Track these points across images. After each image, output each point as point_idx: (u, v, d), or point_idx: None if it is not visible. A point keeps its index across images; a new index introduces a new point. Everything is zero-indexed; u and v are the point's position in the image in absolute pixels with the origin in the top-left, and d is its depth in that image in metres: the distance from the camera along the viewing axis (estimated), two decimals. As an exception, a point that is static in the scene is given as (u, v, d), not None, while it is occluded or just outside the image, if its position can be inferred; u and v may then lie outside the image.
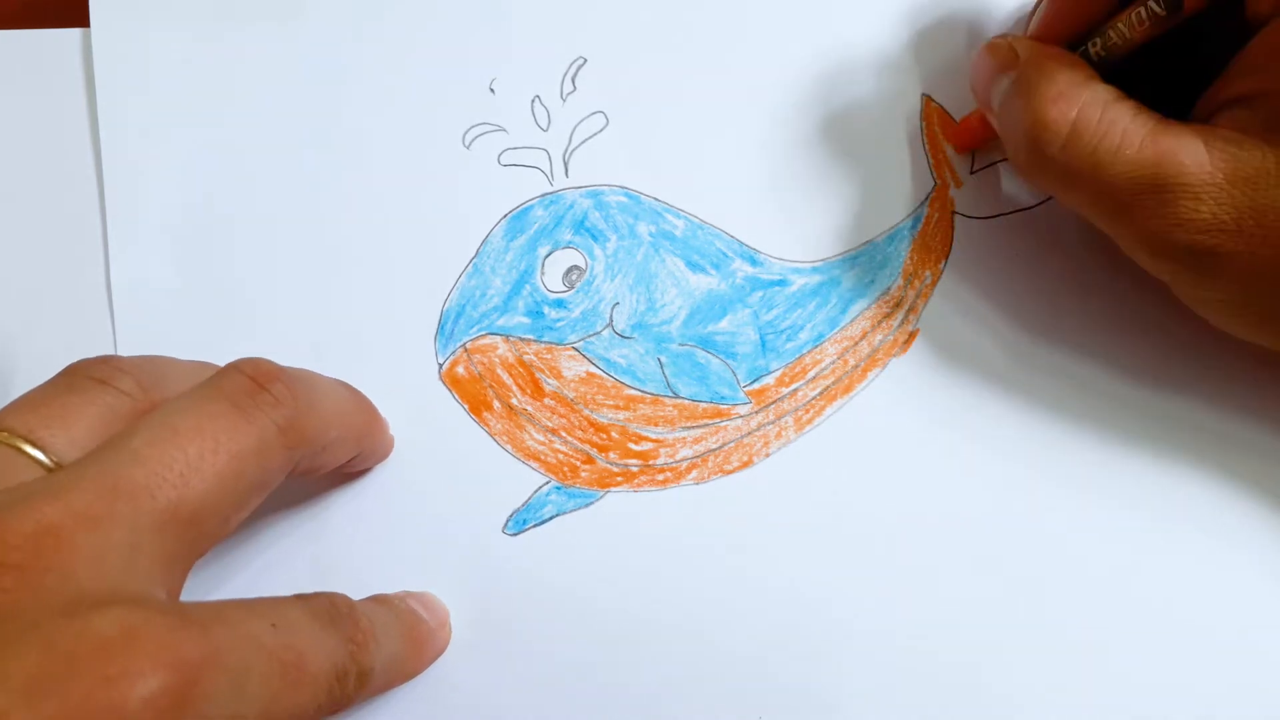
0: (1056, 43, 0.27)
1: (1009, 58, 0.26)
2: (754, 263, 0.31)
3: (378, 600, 0.26)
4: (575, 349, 0.31)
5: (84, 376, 0.24)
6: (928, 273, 0.31)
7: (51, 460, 0.22)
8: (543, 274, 0.31)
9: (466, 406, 0.30)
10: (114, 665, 0.18)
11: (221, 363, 0.25)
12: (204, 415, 0.22)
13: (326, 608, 0.23)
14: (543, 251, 0.31)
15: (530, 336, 0.31)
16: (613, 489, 0.30)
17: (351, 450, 0.27)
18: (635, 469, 0.30)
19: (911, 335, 0.31)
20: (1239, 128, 0.24)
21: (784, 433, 0.30)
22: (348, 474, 0.29)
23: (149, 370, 0.25)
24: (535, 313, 0.31)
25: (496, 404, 0.30)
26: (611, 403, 0.30)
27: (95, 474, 0.21)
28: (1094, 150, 0.24)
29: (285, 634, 0.21)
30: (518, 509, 0.30)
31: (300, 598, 0.23)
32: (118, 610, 0.19)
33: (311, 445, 0.24)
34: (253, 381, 0.23)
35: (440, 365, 0.31)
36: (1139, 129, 0.24)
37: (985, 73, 0.27)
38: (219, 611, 0.21)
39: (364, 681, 0.23)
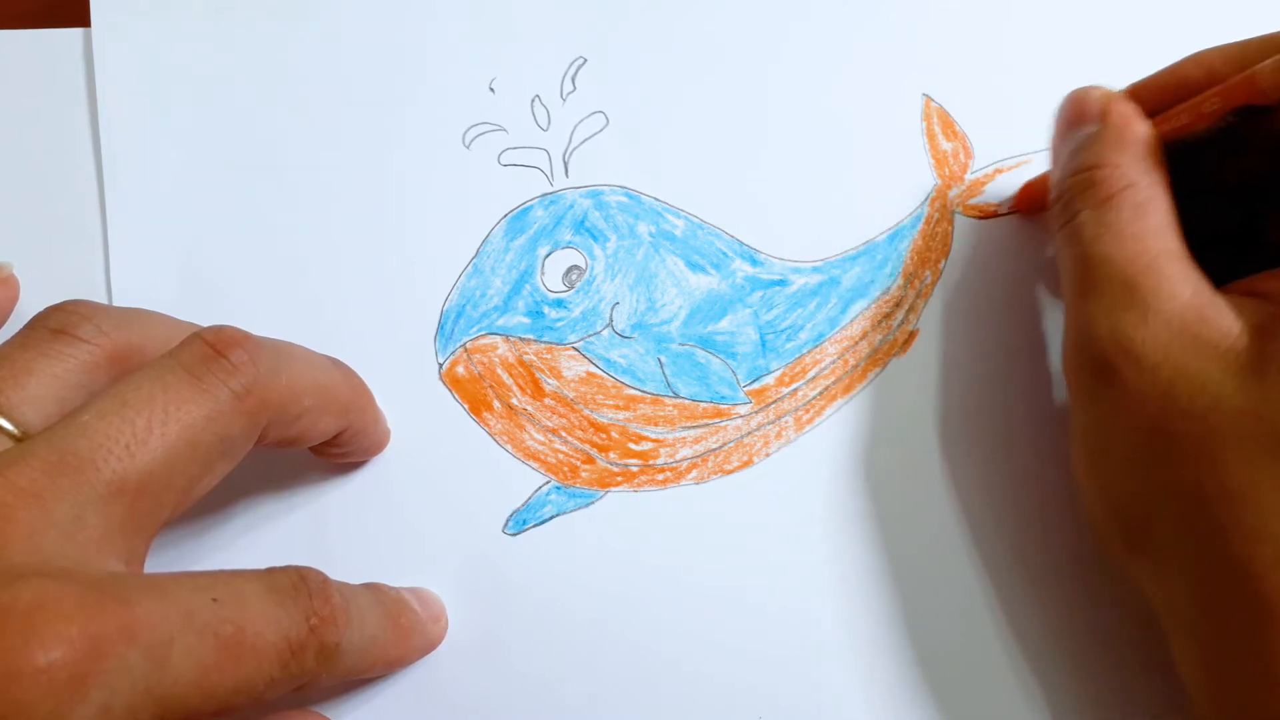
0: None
1: (1095, 111, 0.27)
2: (754, 262, 0.31)
3: (365, 586, 0.26)
4: (575, 349, 0.31)
5: (41, 329, 0.24)
6: (928, 273, 0.31)
7: (7, 421, 0.22)
8: (543, 274, 0.31)
9: (466, 406, 0.30)
10: (17, 634, 0.18)
11: None
12: (157, 385, 0.22)
13: (291, 581, 0.23)
14: (543, 251, 0.31)
15: (530, 336, 0.31)
16: (613, 489, 0.30)
17: (335, 422, 0.27)
18: (635, 469, 0.30)
19: (911, 335, 0.31)
20: (1245, 294, 0.24)
21: (784, 432, 0.30)
22: (344, 466, 0.29)
23: (113, 314, 0.25)
24: (535, 313, 0.31)
25: (496, 404, 0.30)
26: (611, 403, 0.30)
27: (42, 449, 0.21)
28: (1112, 224, 0.25)
29: (226, 607, 0.21)
30: (518, 509, 0.29)
31: (261, 571, 0.23)
32: (36, 582, 0.19)
33: (279, 412, 0.24)
34: (211, 349, 0.23)
35: (440, 365, 0.31)
36: (1156, 233, 0.24)
37: (1070, 119, 0.27)
38: (155, 584, 0.21)
39: (329, 657, 0.23)
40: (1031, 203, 0.31)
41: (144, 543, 0.22)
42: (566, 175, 0.32)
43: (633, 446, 0.30)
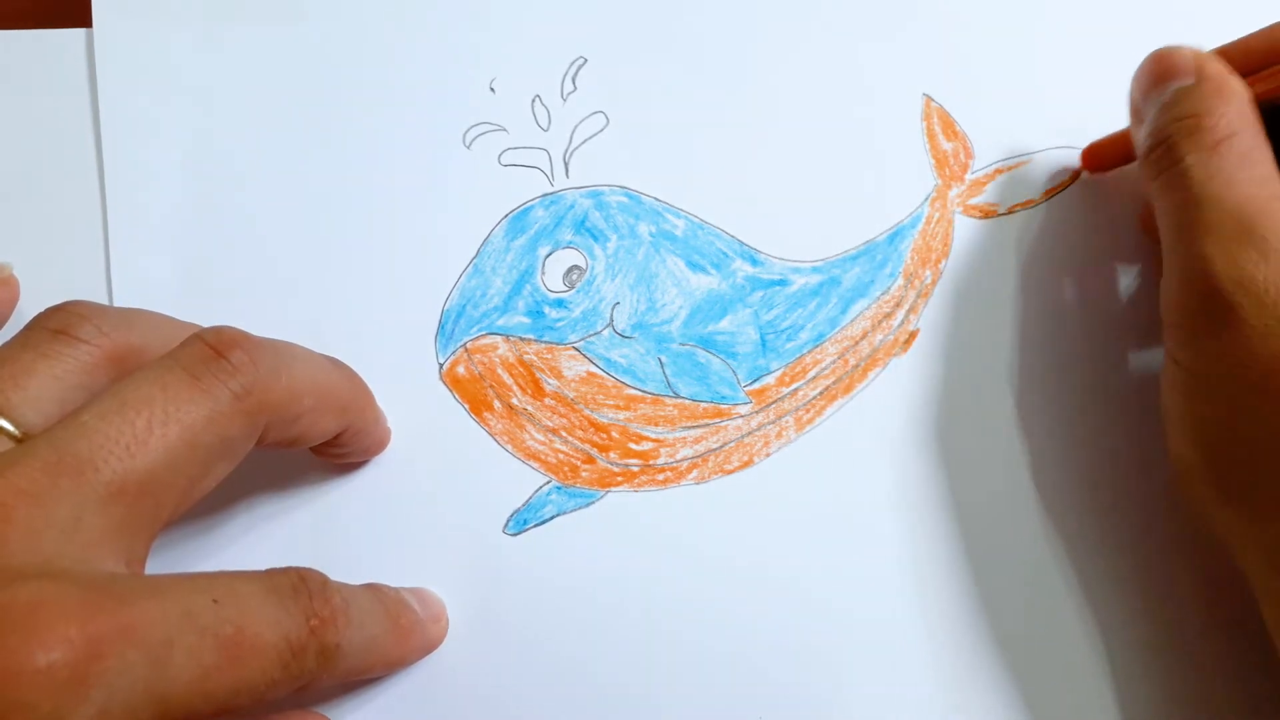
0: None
1: (1189, 66, 0.27)
2: (754, 262, 0.31)
3: (365, 586, 0.26)
4: (575, 349, 0.31)
5: (40, 329, 0.24)
6: (928, 272, 0.31)
7: (8, 421, 0.22)
8: (543, 274, 0.31)
9: (467, 406, 0.30)
10: (17, 635, 0.18)
11: None
12: (157, 386, 0.22)
13: (291, 582, 0.23)
14: (543, 251, 0.31)
15: (530, 336, 0.31)
16: (613, 489, 0.30)
17: (335, 422, 0.27)
18: (636, 469, 0.30)
19: (911, 335, 0.31)
20: None
21: (784, 432, 0.30)
22: (345, 466, 0.30)
23: (113, 315, 0.25)
24: (536, 313, 0.31)
25: (497, 404, 0.30)
26: (612, 402, 0.30)
27: (42, 450, 0.21)
28: (1223, 168, 0.25)
29: (227, 608, 0.21)
30: (518, 509, 0.30)
31: (261, 572, 0.23)
32: (36, 582, 0.19)
33: (278, 412, 0.24)
34: (211, 349, 0.23)
35: (440, 365, 0.31)
36: (1266, 180, 0.25)
37: (1159, 74, 0.27)
38: (155, 585, 0.21)
39: (329, 658, 0.23)
40: (1098, 160, 0.31)
41: (144, 543, 0.22)
42: (567, 175, 0.32)
43: (633, 446, 0.30)
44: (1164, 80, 0.27)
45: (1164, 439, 0.26)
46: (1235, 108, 0.26)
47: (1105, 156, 0.31)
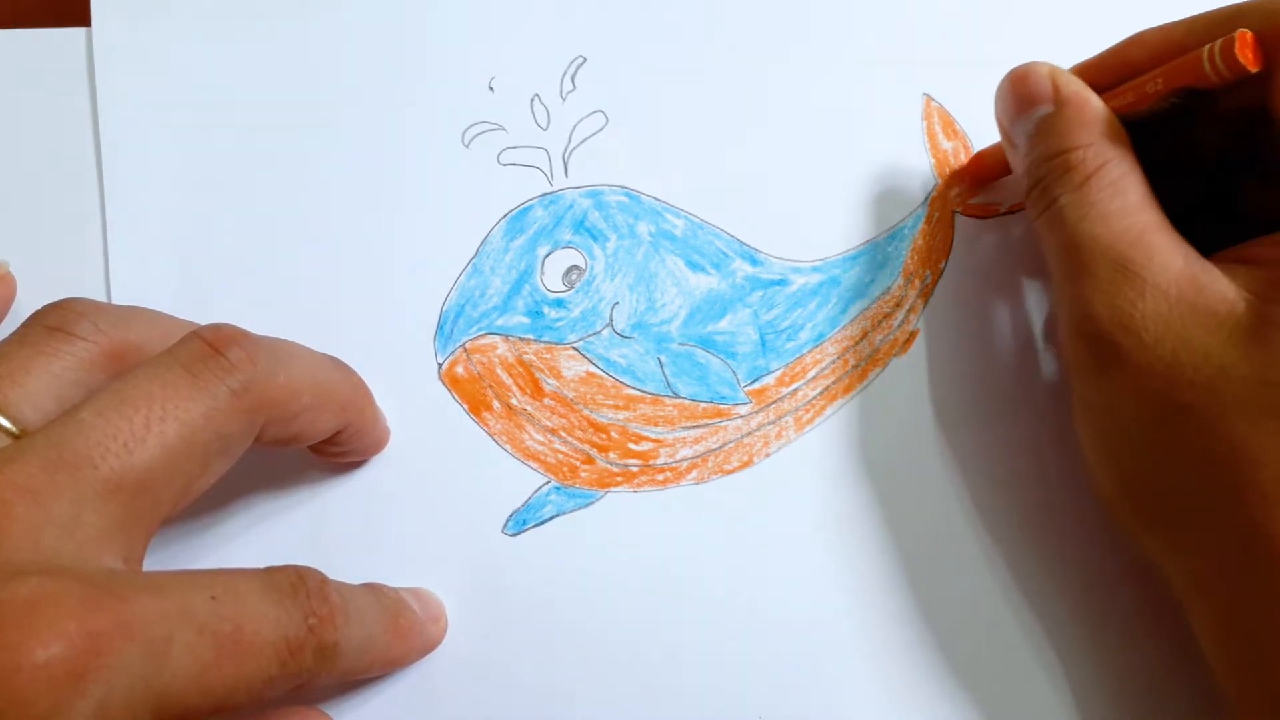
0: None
1: (1046, 92, 0.26)
2: (754, 262, 0.31)
3: (364, 586, 0.26)
4: (575, 349, 0.31)
5: (38, 326, 0.24)
6: (928, 272, 0.31)
7: (5, 419, 0.22)
8: (542, 274, 0.31)
9: (466, 406, 0.30)
10: (16, 631, 0.18)
11: None
12: (155, 382, 0.22)
13: (289, 580, 0.23)
14: (542, 251, 0.31)
15: (530, 336, 0.31)
16: (613, 489, 0.30)
17: (334, 421, 0.27)
18: (635, 469, 0.30)
19: (911, 335, 0.31)
20: (1235, 261, 0.24)
21: (784, 432, 0.30)
22: (344, 466, 0.29)
23: (111, 312, 0.25)
24: (535, 312, 0.31)
25: (496, 404, 0.30)
26: (611, 402, 0.30)
27: (40, 446, 0.21)
28: (1095, 203, 0.25)
29: (225, 605, 0.21)
30: (518, 509, 0.29)
31: (260, 570, 0.23)
32: (35, 579, 0.19)
33: (276, 410, 0.24)
34: (209, 346, 0.23)
35: (439, 365, 0.31)
36: (1138, 208, 0.25)
37: (1019, 100, 0.27)
38: (154, 581, 0.21)
39: (327, 656, 0.23)
40: (984, 176, 0.31)
41: (142, 540, 0.22)
42: (566, 175, 0.32)
43: (632, 446, 0.30)
44: (1025, 108, 0.27)
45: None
46: (1099, 133, 0.25)
47: (989, 170, 0.31)
